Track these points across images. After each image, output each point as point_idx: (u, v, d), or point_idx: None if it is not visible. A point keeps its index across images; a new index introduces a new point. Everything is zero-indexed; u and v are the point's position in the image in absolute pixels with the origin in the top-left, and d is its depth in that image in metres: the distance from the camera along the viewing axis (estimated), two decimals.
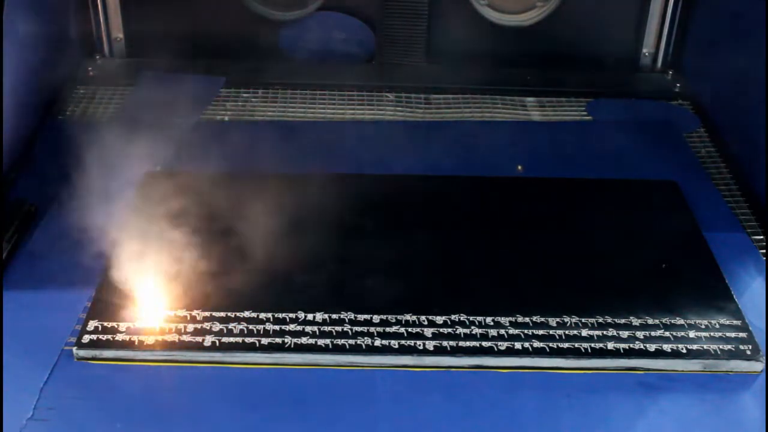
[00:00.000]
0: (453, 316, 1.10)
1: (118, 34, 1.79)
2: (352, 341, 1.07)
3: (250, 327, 1.08)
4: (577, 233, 1.29)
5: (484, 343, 1.07)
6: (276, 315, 1.10)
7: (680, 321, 1.11)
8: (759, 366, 1.07)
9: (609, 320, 1.11)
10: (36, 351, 1.06)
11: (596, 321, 1.11)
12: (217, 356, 1.05)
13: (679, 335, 1.09)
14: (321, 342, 1.06)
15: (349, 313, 1.10)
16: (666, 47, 1.80)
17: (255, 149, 1.51)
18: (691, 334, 1.10)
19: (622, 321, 1.11)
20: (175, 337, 1.06)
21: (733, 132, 1.53)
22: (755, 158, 1.40)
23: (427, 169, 1.44)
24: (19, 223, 1.26)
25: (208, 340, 1.06)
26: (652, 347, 1.07)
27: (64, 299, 1.14)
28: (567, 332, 1.09)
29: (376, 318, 1.10)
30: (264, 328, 1.08)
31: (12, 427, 0.96)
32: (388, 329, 1.08)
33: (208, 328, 1.08)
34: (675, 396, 1.04)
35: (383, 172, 1.43)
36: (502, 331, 1.09)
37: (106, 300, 1.12)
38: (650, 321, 1.11)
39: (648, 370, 1.06)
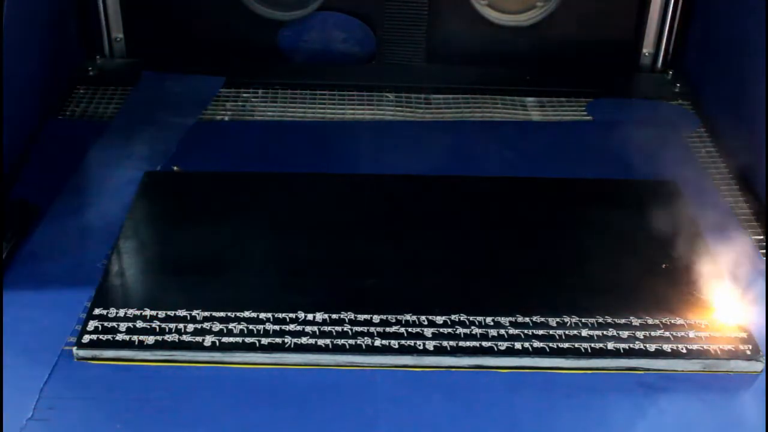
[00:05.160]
0: (453, 316, 1.10)
1: (118, 34, 1.79)
2: (352, 341, 1.07)
3: (250, 327, 1.08)
4: (577, 233, 1.29)
5: (484, 343, 1.07)
6: (276, 315, 1.10)
7: (680, 321, 1.11)
8: (759, 366, 1.07)
9: (609, 320, 1.11)
10: (36, 351, 1.06)
11: (596, 321, 1.11)
12: (217, 356, 1.05)
13: (679, 335, 1.09)
14: (321, 342, 1.06)
15: (349, 313, 1.10)
16: (666, 47, 1.80)
17: (255, 149, 1.52)
18: (691, 334, 1.10)
19: (622, 321, 1.11)
20: (175, 337, 1.06)
21: (733, 132, 1.53)
22: (755, 158, 1.40)
23: (427, 169, 1.44)
24: (19, 223, 1.26)
25: (208, 340, 1.06)
26: (652, 347, 1.07)
27: (64, 299, 1.14)
28: (567, 332, 1.09)
29: (376, 318, 1.10)
30: (264, 328, 1.08)
31: (12, 427, 0.96)
32: (388, 329, 1.08)
33: (208, 328, 1.08)
34: (675, 396, 1.04)
35: (383, 172, 1.43)
36: (502, 331, 1.09)
37: (105, 300, 1.12)
38: (650, 321, 1.11)
39: (648, 370, 1.06)
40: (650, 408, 1.02)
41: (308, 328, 1.08)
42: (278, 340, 1.06)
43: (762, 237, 1.32)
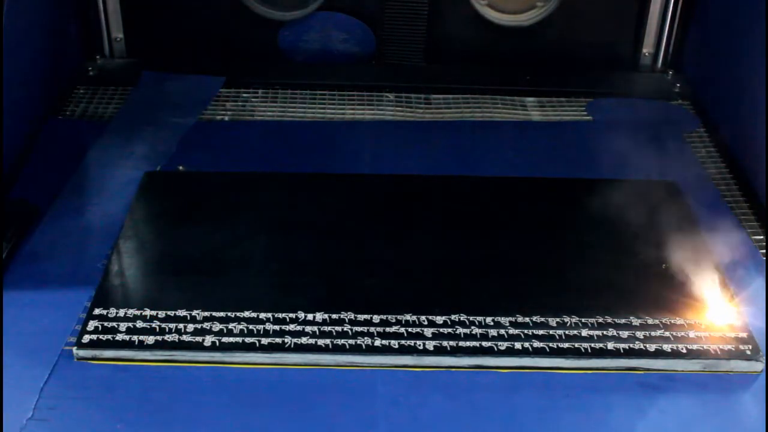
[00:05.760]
0: (453, 316, 1.10)
1: (118, 34, 1.79)
2: (352, 341, 1.07)
3: (250, 327, 1.08)
4: (577, 233, 1.29)
5: (484, 343, 1.07)
6: (276, 315, 1.10)
7: (680, 321, 1.11)
8: (759, 366, 1.07)
9: (609, 320, 1.11)
10: (36, 351, 1.06)
11: (596, 321, 1.11)
12: (217, 356, 1.05)
13: (679, 335, 1.09)
14: (321, 342, 1.06)
15: (349, 313, 1.10)
16: (666, 47, 1.80)
17: (255, 149, 1.52)
18: (691, 334, 1.10)
19: (622, 321, 1.11)
20: (175, 337, 1.06)
21: (734, 132, 1.53)
22: (755, 158, 1.40)
23: (427, 169, 1.44)
24: (19, 223, 1.26)
25: (208, 340, 1.06)
26: (652, 347, 1.07)
27: (64, 299, 1.14)
28: (567, 332, 1.09)
29: (376, 318, 1.10)
30: (264, 328, 1.08)
31: (12, 427, 0.96)
32: (388, 329, 1.08)
33: (208, 328, 1.08)
34: (675, 396, 1.04)
35: (383, 172, 1.43)
36: (502, 331, 1.09)
37: (105, 300, 1.12)
38: (650, 321, 1.11)
39: (648, 370, 1.06)
40: (650, 408, 1.02)
41: (308, 328, 1.08)
42: (278, 340, 1.06)
43: (762, 237, 1.32)
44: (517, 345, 1.07)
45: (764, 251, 1.29)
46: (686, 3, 1.74)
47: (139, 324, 1.08)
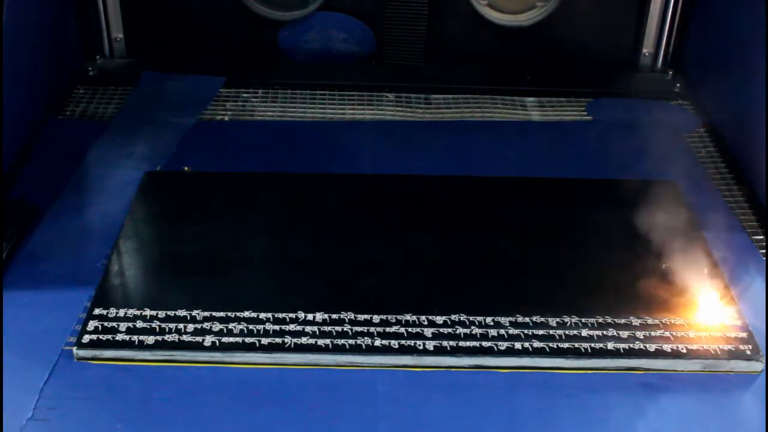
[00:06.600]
0: (453, 316, 1.10)
1: (118, 34, 1.79)
2: (352, 341, 1.07)
3: (250, 327, 1.08)
4: (577, 233, 1.29)
5: (484, 343, 1.07)
6: (276, 315, 1.10)
7: (680, 321, 1.11)
8: (759, 366, 1.07)
9: (609, 320, 1.11)
10: (36, 351, 1.06)
11: (596, 321, 1.11)
12: (217, 356, 1.05)
13: (679, 335, 1.09)
14: (321, 342, 1.06)
15: (349, 313, 1.10)
16: (666, 47, 1.80)
17: (255, 149, 1.52)
18: (691, 334, 1.10)
19: (622, 321, 1.11)
20: (175, 337, 1.06)
21: (733, 132, 1.53)
22: (755, 158, 1.40)
23: (427, 169, 1.44)
24: (19, 223, 1.26)
25: (208, 340, 1.06)
26: (652, 347, 1.07)
27: (64, 299, 1.14)
28: (567, 332, 1.09)
29: (376, 318, 1.10)
30: (264, 328, 1.08)
31: (12, 427, 0.96)
32: (388, 329, 1.08)
33: (208, 328, 1.08)
34: (675, 396, 1.04)
35: (383, 172, 1.43)
36: (502, 331, 1.09)
37: (105, 300, 1.12)
38: (650, 321, 1.11)
39: (648, 370, 1.06)
40: (650, 408, 1.02)
41: (308, 328, 1.08)
42: (278, 340, 1.06)
43: (762, 237, 1.32)
44: (517, 345, 1.07)
45: (764, 251, 1.29)
46: (686, 3, 1.74)
47: (139, 324, 1.08)
